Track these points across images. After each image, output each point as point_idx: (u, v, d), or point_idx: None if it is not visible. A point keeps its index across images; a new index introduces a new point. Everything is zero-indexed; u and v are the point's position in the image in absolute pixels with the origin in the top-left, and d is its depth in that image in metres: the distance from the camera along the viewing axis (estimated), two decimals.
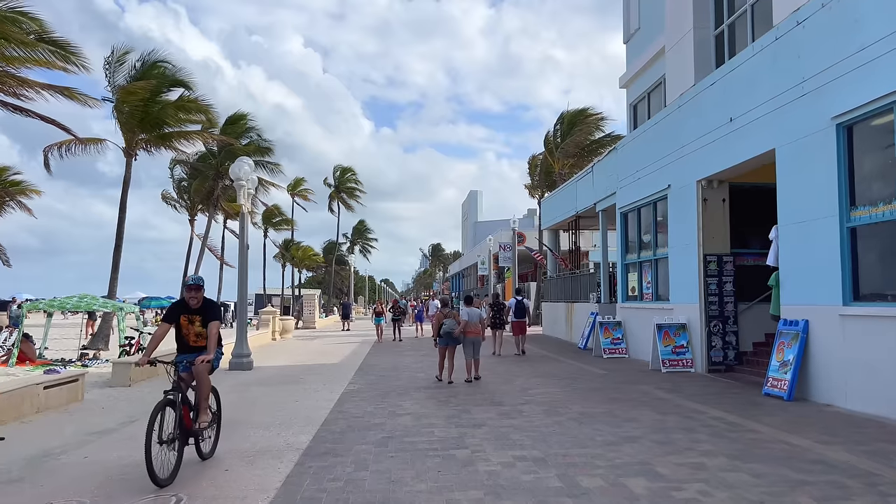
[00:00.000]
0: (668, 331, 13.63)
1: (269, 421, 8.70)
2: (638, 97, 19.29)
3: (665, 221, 15.09)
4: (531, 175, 36.80)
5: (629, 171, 17.02)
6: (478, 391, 11.10)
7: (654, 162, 15.37)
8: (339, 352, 20.30)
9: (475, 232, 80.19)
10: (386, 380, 12.91)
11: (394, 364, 16.04)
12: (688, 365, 13.39)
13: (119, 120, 22.09)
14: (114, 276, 22.18)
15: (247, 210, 15.70)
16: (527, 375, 13.27)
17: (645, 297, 16.36)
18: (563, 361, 16.21)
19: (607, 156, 19.19)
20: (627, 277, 17.64)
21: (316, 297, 37.89)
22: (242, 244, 15.80)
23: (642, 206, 16.45)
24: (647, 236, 16.39)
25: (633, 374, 13.38)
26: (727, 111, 11.97)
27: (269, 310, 26.35)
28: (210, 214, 38.43)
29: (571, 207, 23.14)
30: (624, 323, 17.36)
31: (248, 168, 15.48)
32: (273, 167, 39.90)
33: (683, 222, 13.90)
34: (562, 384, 11.84)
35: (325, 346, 23.10)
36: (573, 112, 31.36)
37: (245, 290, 15.76)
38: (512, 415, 8.78)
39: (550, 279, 27.24)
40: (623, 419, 8.35)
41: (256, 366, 16.22)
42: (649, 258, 16.07)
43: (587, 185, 21.34)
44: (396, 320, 25.81)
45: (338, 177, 61.56)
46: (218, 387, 12.34)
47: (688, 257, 13.66)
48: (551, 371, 14.08)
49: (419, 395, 10.84)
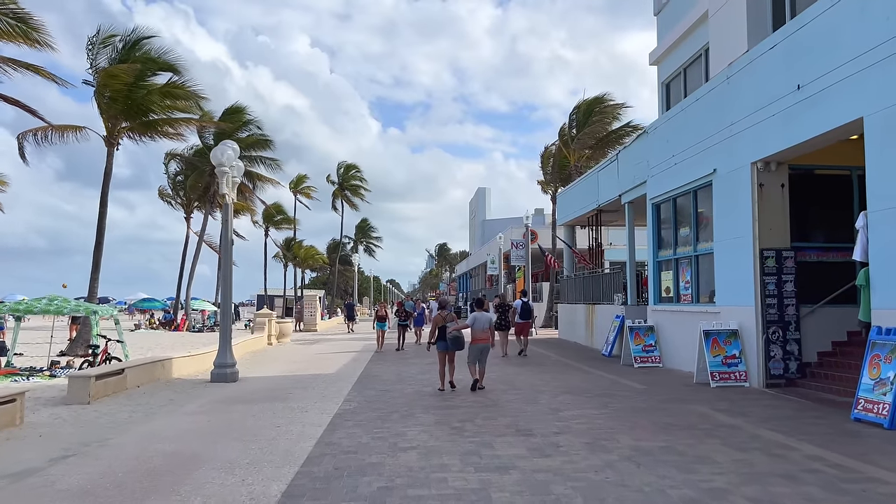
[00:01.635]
0: (717, 338, 11.69)
1: (237, 458, 6.83)
2: (671, 74, 17.37)
3: (708, 212, 13.17)
4: (544, 169, 34.84)
5: (663, 156, 15.09)
6: (499, 413, 9.20)
7: (694, 144, 13.45)
8: (338, 359, 18.44)
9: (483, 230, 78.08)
10: (388, 396, 11.03)
11: (397, 375, 14.16)
12: (741, 378, 11.45)
13: (100, 106, 20.30)
14: (94, 275, 20.41)
15: (230, 200, 13.85)
16: (553, 390, 11.36)
17: (683, 299, 14.42)
18: (590, 372, 14.29)
19: (635, 141, 17.27)
20: (660, 277, 15.71)
21: (317, 297, 36.05)
22: (225, 239, 13.95)
23: (679, 196, 14.52)
24: (685, 230, 14.45)
25: (678, 388, 11.46)
26: (793, 77, 10.03)
27: (265, 312, 24.48)
28: (207, 211, 36.72)
29: (592, 200, 21.21)
30: (657, 328, 15.43)
31: (232, 153, 13.63)
32: (272, 163, 38.17)
33: (733, 212, 11.97)
34: (597, 403, 9.93)
35: (323, 353, 21.24)
36: (589, 100, 29.40)
37: (229, 290, 13.91)
38: (546, 450, 6.88)
39: (567, 279, 25.30)
40: (692, 458, 6.44)
41: (243, 376, 14.37)
42: (688, 254, 14.14)
43: (610, 175, 19.41)
44: (403, 325, 22.16)
45: (342, 174, 59.69)
46: (191, 404, 10.48)
47: (739, 253, 11.73)
48: (580, 384, 12.17)
49: (427, 417, 8.95)
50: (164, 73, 21.28)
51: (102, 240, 20.62)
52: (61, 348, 20.73)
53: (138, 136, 21.44)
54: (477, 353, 11.39)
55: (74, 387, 10.88)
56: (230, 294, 13.97)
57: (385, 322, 21.16)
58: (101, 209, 20.55)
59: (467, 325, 11.78)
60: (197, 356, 15.38)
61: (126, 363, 13.11)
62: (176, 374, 14.35)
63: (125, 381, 12.21)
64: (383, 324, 21.08)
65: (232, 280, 14.04)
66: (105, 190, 20.60)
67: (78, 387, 10.85)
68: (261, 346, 22.92)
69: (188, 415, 9.62)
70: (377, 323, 21.22)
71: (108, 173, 20.65)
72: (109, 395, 11.46)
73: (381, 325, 21.09)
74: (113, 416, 9.70)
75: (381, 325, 21.09)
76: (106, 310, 17.21)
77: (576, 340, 22.97)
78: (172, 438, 7.90)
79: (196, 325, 36.10)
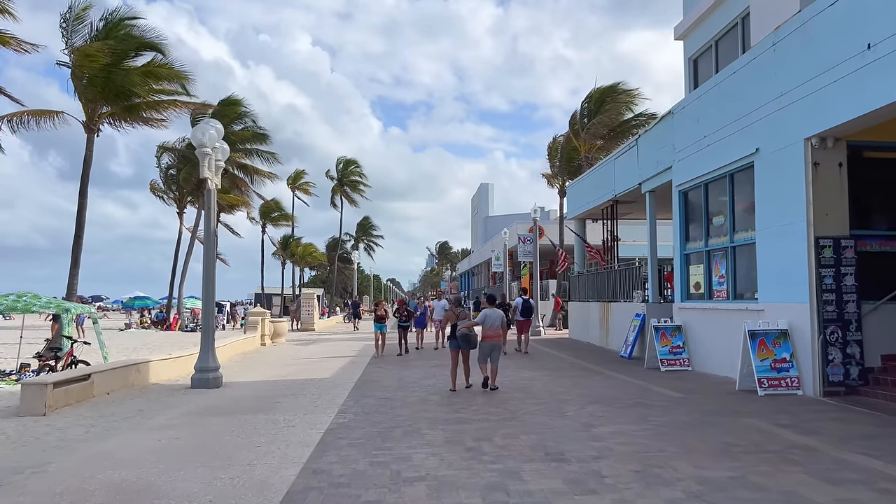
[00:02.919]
0: (764, 339, 10.25)
1: (199, 492, 5.42)
2: (700, 48, 15.92)
3: (748, 197, 11.75)
4: (550, 161, 33.36)
5: (692, 138, 13.66)
6: (520, 428, 7.78)
7: (731, 122, 12.01)
8: (335, 362, 17.02)
9: (486, 227, 76.57)
10: (388, 406, 9.60)
11: (399, 380, 12.73)
12: (793, 385, 10.01)
13: (77, 89, 18.86)
14: (73, 271, 18.97)
15: (213, 186, 12.43)
16: (577, 399, 9.93)
17: (716, 295, 12.99)
18: (613, 376, 12.87)
19: (658, 124, 15.83)
20: (688, 271, 14.27)
21: (315, 296, 34.63)
22: (208, 230, 12.52)
23: (712, 181, 13.09)
24: (718, 218, 13.01)
25: (720, 397, 10.02)
26: (861, 36, 8.60)
27: (258, 311, 23.02)
28: (200, 206, 35.25)
29: (608, 190, 19.77)
30: (685, 327, 14.00)
31: (215, 133, 12.19)
32: (269, 157, 36.72)
33: (781, 196, 10.54)
34: (634, 416, 8.50)
35: (320, 354, 19.81)
36: (603, 88, 27.91)
37: (211, 287, 12.48)
38: (588, 482, 5.46)
39: (579, 275, 23.85)
40: (779, 495, 5.02)
41: (229, 381, 12.98)
42: (722, 246, 12.71)
43: (629, 162, 17.98)
44: (403, 327, 18.83)
45: (341, 169, 58.16)
46: (162, 415, 9.03)
47: (789, 242, 10.30)
48: (606, 392, 10.74)
49: (435, 435, 7.53)
50: (147, 54, 19.85)
51: (82, 233, 19.19)
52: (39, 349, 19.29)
53: (120, 122, 20.00)
54: (487, 352, 10.90)
55: (28, 396, 9.46)
56: (213, 290, 12.54)
57: (384, 323, 18.29)
58: (81, 200, 19.11)
59: (478, 323, 11.23)
60: (178, 359, 13.96)
61: (93, 368, 11.68)
62: (154, 380, 12.94)
63: (92, 388, 10.79)
64: (382, 325, 18.19)
65: (215, 275, 12.62)
66: (84, 180, 19.16)
67: (32, 396, 9.43)
68: (253, 346, 21.50)
69: (154, 430, 8.20)
70: (375, 324, 18.34)
71: (88, 162, 19.21)
72: (71, 405, 10.04)
73: (379, 327, 18.17)
74: (66, 431, 8.27)
75: (379, 327, 18.17)
76: (81, 308, 15.79)
77: (589, 341, 21.54)
78: (127, 463, 6.48)
79: (189, 325, 34.70)
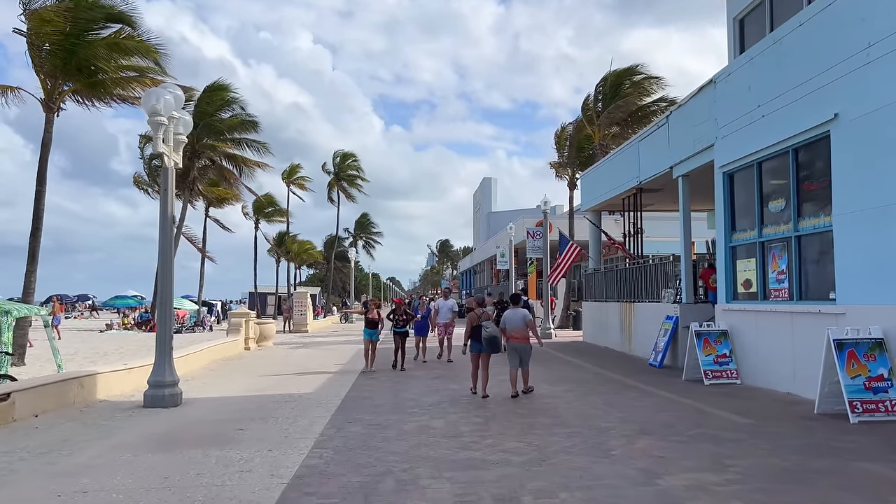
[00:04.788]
0: (854, 351, 8.13)
1: None
2: (748, 5, 13.80)
3: (821, 176, 9.66)
4: (559, 150, 31.20)
5: (741, 109, 11.55)
6: (556, 478, 5.65)
7: (796, 86, 9.90)
8: (322, 371, 14.90)
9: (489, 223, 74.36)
10: (379, 438, 7.50)
11: (394, 399, 10.59)
12: (892, 410, 7.90)
13: (34, 62, 16.74)
14: (30, 268, 16.89)
15: (170, 163, 10.32)
16: (620, 428, 7.80)
17: (774, 295, 10.87)
18: (652, 392, 10.76)
19: (695, 97, 13.71)
20: (736, 266, 12.16)
21: (308, 295, 32.50)
22: (165, 215, 10.38)
23: (768, 159, 10.98)
24: (777, 203, 10.89)
25: (800, 424, 7.90)
26: None
27: (242, 312, 20.88)
28: (185, 199, 33.18)
29: (630, 177, 17.66)
30: (731, 333, 11.90)
31: (172, 99, 10.07)
32: (260, 146, 34.57)
33: (872, 172, 8.43)
34: (704, 457, 6.37)
35: (308, 360, 17.71)
36: (619, 71, 25.72)
37: (169, 284, 10.35)
38: None
39: (595, 272, 21.73)
40: None
41: (192, 397, 10.92)
42: (783, 235, 10.59)
43: (657, 144, 15.87)
44: (400, 333, 14.66)
45: (337, 163, 55.91)
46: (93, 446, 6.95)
47: (884, 228, 8.20)
48: (652, 415, 8.62)
49: (440, 489, 5.43)
50: (116, 27, 17.70)
51: (40, 225, 17.08)
52: None
53: (85, 101, 17.87)
54: (515, 355, 10.13)
55: None
56: (171, 285, 10.42)
57: (376, 329, 14.25)
58: (39, 188, 16.97)
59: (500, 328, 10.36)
60: (135, 370, 11.87)
61: (18, 384, 9.54)
62: (102, 395, 10.85)
63: (12, 410, 8.69)
64: (373, 332, 14.14)
65: (173, 270, 10.51)
66: (43, 165, 17.03)
67: None
68: (235, 351, 19.40)
69: (63, 476, 6.10)
70: (365, 330, 14.24)
71: (47, 145, 17.06)
72: None
73: (369, 334, 14.12)
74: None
75: (369, 334, 14.12)
76: (29, 309, 13.69)
77: (607, 345, 19.43)
78: None
79: (175, 326, 32.54)
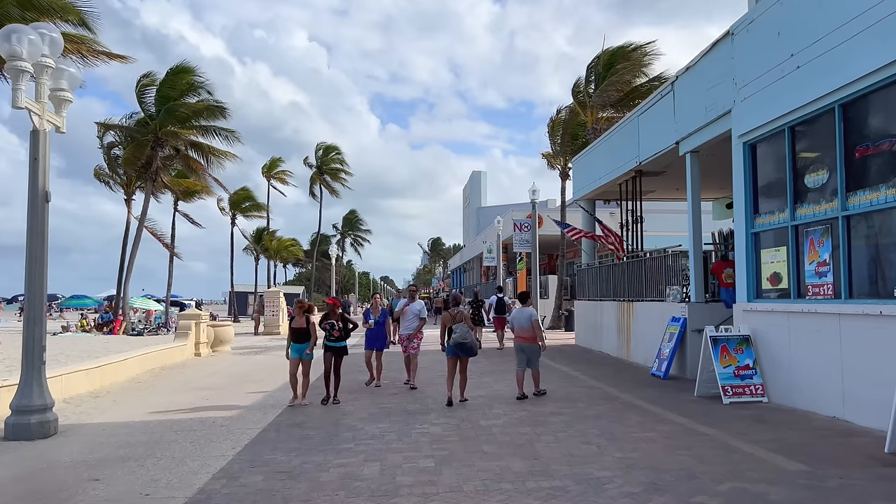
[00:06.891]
0: None
1: None
2: None
3: (879, 136, 7.43)
4: (551, 139, 28.98)
5: (770, 61, 9.30)
6: None
7: (843, 24, 7.69)
8: (269, 382, 12.61)
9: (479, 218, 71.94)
10: (280, 495, 5.20)
11: (331, 427, 8.27)
12: None
13: None
14: None
15: (39, 124, 7.99)
16: (622, 478, 5.53)
17: (812, 292, 8.62)
18: (659, 415, 8.50)
19: (708, 54, 11.47)
20: (760, 257, 9.92)
21: (280, 294, 30.12)
22: (35, 193, 8.05)
23: (804, 121, 8.75)
24: (817, 175, 8.64)
25: (871, 469, 5.66)
26: None
27: (191, 313, 18.48)
28: (148, 191, 30.75)
29: (628, 158, 15.42)
30: (755, 339, 9.68)
31: (38, 39, 7.73)
32: (229, 134, 32.11)
33: None
34: None
35: (258, 369, 15.40)
36: (612, 49, 23.49)
37: (42, 279, 8.04)
38: None
39: (588, 268, 19.48)
40: None
41: (77, 422, 8.67)
42: (824, 217, 8.35)
43: (660, 115, 13.64)
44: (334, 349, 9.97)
45: (320, 156, 53.42)
46: None
47: None
48: (664, 457, 6.35)
49: None
50: None
51: None
52: None
53: None
54: (523, 356, 9.89)
55: None
56: (43, 283, 8.10)
57: (306, 343, 9.92)
58: None
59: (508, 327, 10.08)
60: (13, 387, 9.49)
61: None
62: None
63: None
64: (302, 347, 9.90)
65: (46, 261, 8.18)
66: None
67: None
68: (181, 357, 17.06)
69: None
70: (292, 345, 9.96)
71: None
72: None
73: (297, 351, 9.91)
74: None
75: (297, 351, 9.91)
76: None
77: (602, 350, 17.20)
78: None
79: (136, 328, 30.18)
